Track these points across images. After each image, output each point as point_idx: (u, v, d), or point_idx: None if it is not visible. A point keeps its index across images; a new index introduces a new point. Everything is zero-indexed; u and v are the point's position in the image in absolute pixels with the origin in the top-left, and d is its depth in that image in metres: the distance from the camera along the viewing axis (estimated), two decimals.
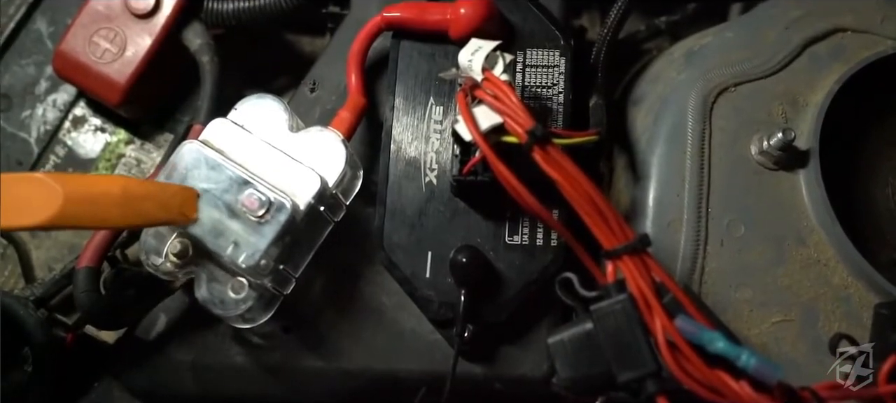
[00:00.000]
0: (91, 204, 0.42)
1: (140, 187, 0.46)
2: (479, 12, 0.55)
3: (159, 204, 0.47)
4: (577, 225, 0.49)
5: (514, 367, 0.56)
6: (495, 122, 0.49)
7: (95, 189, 0.43)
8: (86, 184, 0.43)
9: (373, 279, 0.57)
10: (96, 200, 0.43)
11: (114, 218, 0.44)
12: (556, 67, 0.56)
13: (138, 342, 0.57)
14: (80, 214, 0.41)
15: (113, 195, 0.43)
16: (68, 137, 0.65)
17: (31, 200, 0.40)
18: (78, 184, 0.42)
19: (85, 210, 0.42)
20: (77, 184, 0.42)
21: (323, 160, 0.53)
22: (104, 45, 0.61)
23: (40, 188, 0.40)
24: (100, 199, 0.43)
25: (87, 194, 0.42)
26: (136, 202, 0.45)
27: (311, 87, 0.61)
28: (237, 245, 0.50)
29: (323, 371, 0.56)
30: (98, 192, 0.43)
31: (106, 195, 0.43)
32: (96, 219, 0.43)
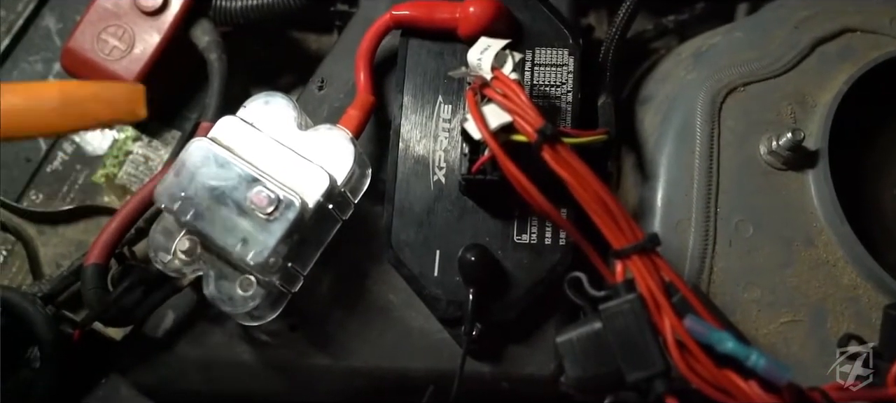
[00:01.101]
0: (28, 111, 0.42)
1: (80, 88, 0.46)
2: (488, 11, 0.55)
3: (105, 103, 0.46)
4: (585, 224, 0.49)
5: (522, 366, 0.56)
6: (505, 121, 0.49)
7: (31, 94, 0.43)
8: (21, 92, 0.43)
9: (380, 277, 0.57)
10: (33, 107, 0.42)
11: (54, 122, 0.43)
12: (565, 66, 0.56)
13: (146, 339, 0.57)
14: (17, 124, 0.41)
15: (50, 98, 0.43)
16: (76, 134, 0.65)
17: None
18: (13, 92, 0.42)
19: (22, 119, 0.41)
20: (12, 93, 0.42)
21: (332, 158, 0.53)
22: (113, 42, 0.61)
23: None
24: (37, 105, 0.42)
25: (24, 101, 0.42)
26: (77, 104, 0.44)
27: (319, 85, 0.61)
28: (246, 242, 0.50)
29: (330, 369, 0.56)
30: (34, 97, 0.42)
31: (43, 99, 0.42)
32: (35, 126, 0.43)
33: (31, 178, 0.64)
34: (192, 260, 0.53)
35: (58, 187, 0.64)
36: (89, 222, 0.63)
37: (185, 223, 0.51)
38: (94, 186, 0.64)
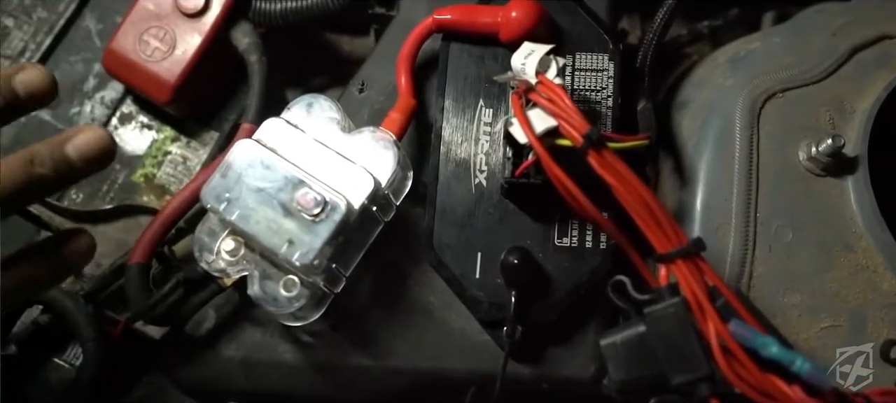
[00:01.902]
0: None
1: None
2: (531, 16, 0.56)
3: None
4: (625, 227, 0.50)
5: (562, 368, 0.56)
6: (550, 126, 0.50)
7: None
8: None
9: (420, 278, 0.58)
10: None
11: None
12: (605, 71, 0.57)
13: (188, 338, 0.58)
14: None
15: None
16: (115, 134, 0.65)
17: None
18: None
19: None
20: None
21: (375, 160, 0.53)
22: (154, 43, 0.62)
23: None
24: None
25: None
26: None
27: (359, 88, 0.61)
28: (292, 243, 0.50)
29: (371, 370, 0.57)
30: None
31: None
32: None
33: None
34: (236, 261, 0.53)
35: (98, 186, 0.64)
36: (129, 221, 0.64)
37: (231, 224, 0.51)
38: (133, 186, 0.64)
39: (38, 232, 0.64)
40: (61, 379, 0.61)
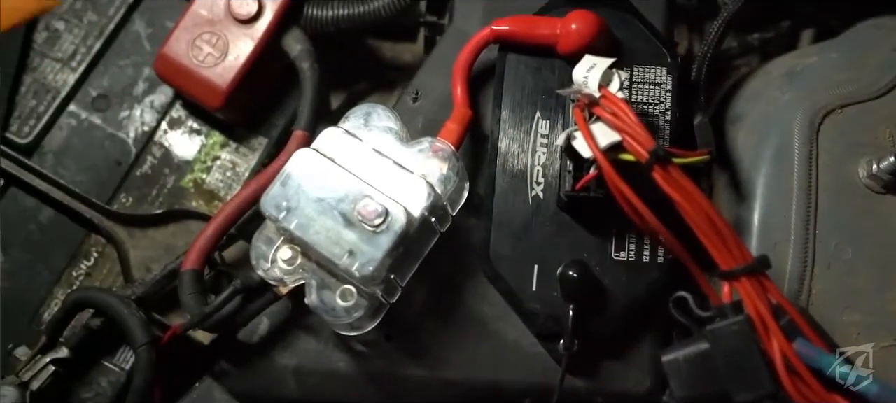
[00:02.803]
0: None
1: None
2: (590, 29, 0.56)
3: None
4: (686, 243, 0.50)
5: (617, 382, 0.56)
6: (613, 140, 0.50)
7: None
8: None
9: (475, 289, 0.58)
10: None
11: None
12: (663, 85, 0.57)
13: (241, 345, 0.58)
14: None
15: None
16: (165, 139, 0.66)
17: None
18: None
19: None
20: None
21: (434, 171, 0.54)
22: (207, 49, 0.62)
23: None
24: None
25: None
26: None
27: (414, 97, 0.62)
28: (352, 254, 0.50)
29: (425, 380, 0.57)
30: None
31: None
32: None
33: (121, 182, 0.64)
34: (292, 270, 0.53)
35: (147, 191, 0.64)
36: (178, 226, 0.64)
37: (290, 232, 0.52)
38: (182, 190, 0.65)
39: (88, 236, 0.64)
40: (111, 383, 0.61)
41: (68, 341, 0.59)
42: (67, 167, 0.65)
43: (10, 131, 0.65)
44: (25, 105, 0.65)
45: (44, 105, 0.65)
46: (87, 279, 0.63)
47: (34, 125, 0.65)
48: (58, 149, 0.65)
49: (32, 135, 0.65)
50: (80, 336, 0.60)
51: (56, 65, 0.66)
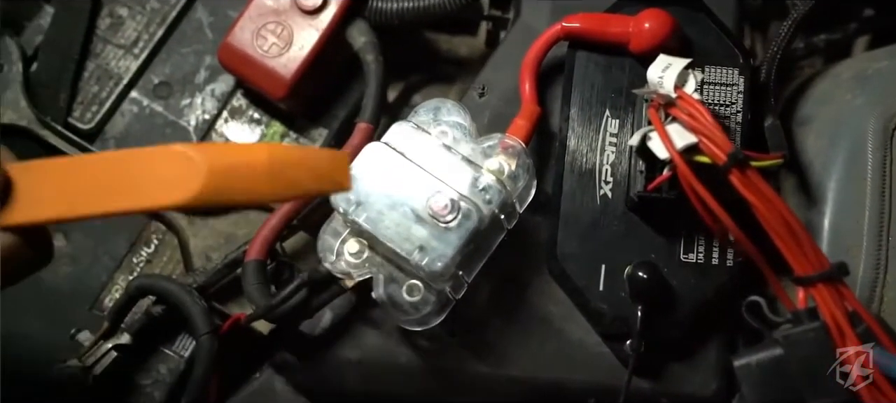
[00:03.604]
0: (237, 177, 0.37)
1: (288, 153, 0.40)
2: (664, 27, 0.56)
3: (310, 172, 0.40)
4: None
5: (682, 384, 0.56)
6: (690, 142, 0.50)
7: (241, 159, 0.37)
8: (229, 154, 0.38)
9: (540, 288, 0.58)
10: (242, 173, 0.37)
11: (263, 190, 0.38)
12: (735, 86, 0.57)
13: (303, 337, 0.58)
14: (225, 188, 0.36)
15: (260, 164, 0.37)
16: (225, 127, 0.66)
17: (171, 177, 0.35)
18: (221, 154, 0.37)
19: (231, 183, 0.37)
20: (220, 155, 0.37)
21: (503, 167, 0.54)
22: (271, 39, 0.62)
23: (181, 162, 0.36)
24: (246, 171, 0.37)
25: (232, 166, 0.37)
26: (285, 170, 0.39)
27: (480, 92, 0.62)
28: (423, 249, 0.51)
29: (488, 377, 0.57)
30: (244, 163, 0.37)
31: (252, 165, 0.37)
32: (244, 194, 0.38)
33: None
34: (359, 263, 0.54)
35: None
36: (238, 215, 0.65)
37: (359, 226, 0.52)
38: None
39: (149, 223, 0.65)
40: (170, 370, 0.62)
41: (130, 327, 0.60)
42: None
43: (72, 116, 0.65)
44: (88, 91, 0.66)
45: (106, 91, 0.66)
46: (147, 266, 0.64)
47: (96, 111, 0.65)
48: (119, 136, 0.66)
49: (95, 121, 0.65)
50: (141, 322, 0.61)
51: (119, 51, 0.67)
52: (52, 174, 0.38)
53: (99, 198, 0.36)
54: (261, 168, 0.37)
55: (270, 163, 0.37)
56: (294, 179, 0.39)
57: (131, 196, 0.36)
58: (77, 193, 0.37)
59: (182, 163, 0.35)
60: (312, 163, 0.40)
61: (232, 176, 0.36)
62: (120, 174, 0.37)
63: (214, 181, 0.35)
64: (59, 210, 0.37)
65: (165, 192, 0.35)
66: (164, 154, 0.36)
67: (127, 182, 0.36)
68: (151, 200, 0.36)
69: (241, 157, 0.37)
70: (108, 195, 0.36)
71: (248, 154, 0.38)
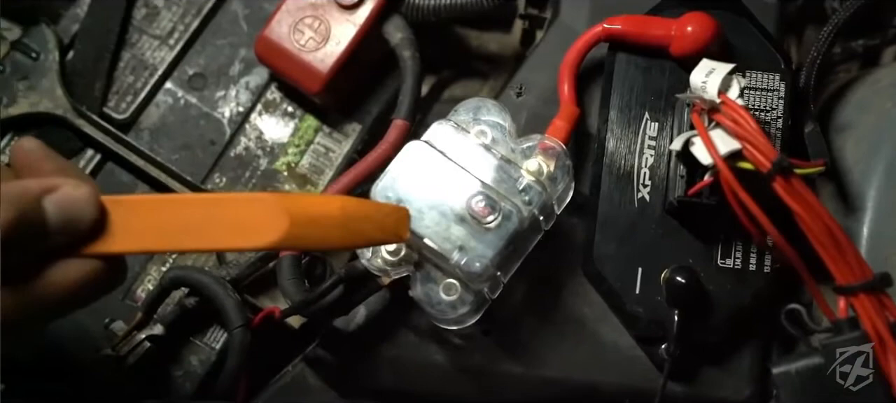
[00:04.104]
0: (314, 226, 0.42)
1: (358, 208, 0.45)
2: (707, 32, 0.55)
3: (376, 224, 0.46)
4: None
5: (715, 389, 0.56)
6: (733, 148, 0.50)
7: (318, 210, 0.42)
8: (308, 206, 0.42)
9: (574, 289, 0.58)
10: (319, 222, 0.42)
11: (335, 239, 0.43)
12: (776, 92, 0.56)
13: (336, 333, 0.58)
14: (303, 236, 0.41)
15: (334, 217, 0.43)
16: (259, 120, 0.66)
17: (256, 223, 0.40)
18: (301, 205, 0.42)
19: (309, 232, 0.41)
20: (301, 206, 0.42)
21: (542, 168, 0.54)
22: (308, 33, 0.62)
23: (267, 210, 0.40)
24: (322, 221, 0.42)
25: (311, 216, 0.42)
26: (355, 223, 0.44)
27: (517, 91, 0.62)
28: (462, 249, 0.51)
29: (521, 378, 0.57)
30: (321, 214, 0.42)
31: (328, 217, 0.42)
32: (319, 241, 0.44)
33: (215, 162, 0.65)
34: (397, 261, 0.54)
35: (241, 172, 0.65)
36: None
37: None
38: (275, 173, 0.65)
39: None
40: (202, 361, 0.62)
41: (163, 318, 0.61)
42: (163, 145, 0.65)
43: (107, 106, 0.65)
44: (123, 81, 0.66)
45: (141, 81, 0.66)
46: (179, 257, 0.64)
47: (131, 101, 0.66)
48: (154, 127, 0.66)
49: (129, 111, 0.65)
50: (174, 314, 0.61)
51: (154, 42, 0.67)
52: (144, 209, 0.40)
53: (188, 236, 0.39)
54: (334, 221, 0.43)
55: (343, 216, 0.43)
56: (361, 230, 0.45)
57: (218, 236, 0.39)
58: (167, 229, 0.39)
59: (267, 211, 0.39)
60: (378, 217, 0.46)
61: (310, 226, 0.41)
62: (208, 214, 0.40)
63: (295, 230, 0.40)
64: (150, 243, 0.39)
65: (250, 237, 0.39)
66: (252, 201, 0.40)
67: (215, 223, 0.39)
68: (237, 242, 0.40)
69: (318, 209, 0.42)
70: (196, 233, 0.39)
71: (325, 206, 0.43)
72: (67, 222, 0.38)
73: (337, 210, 0.43)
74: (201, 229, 0.39)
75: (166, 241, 0.40)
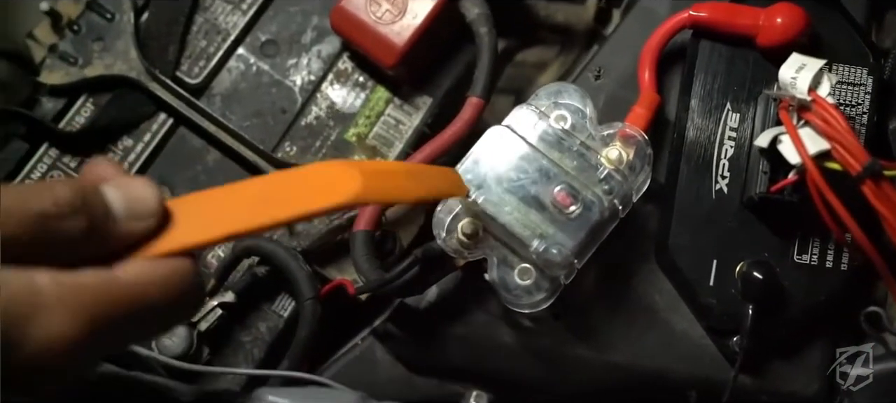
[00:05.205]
0: (386, 177, 0.43)
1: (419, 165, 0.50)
2: (797, 24, 0.55)
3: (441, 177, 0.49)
4: None
5: (784, 383, 0.57)
6: (822, 148, 0.50)
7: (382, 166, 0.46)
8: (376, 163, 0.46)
9: (645, 276, 0.59)
10: (388, 175, 0.44)
11: (409, 189, 0.45)
12: (863, 86, 0.56)
13: (406, 309, 0.59)
14: (379, 186, 0.41)
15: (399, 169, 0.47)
16: (330, 90, 0.66)
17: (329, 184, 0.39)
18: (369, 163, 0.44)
19: (382, 183, 0.42)
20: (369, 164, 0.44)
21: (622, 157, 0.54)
22: (385, 5, 0.62)
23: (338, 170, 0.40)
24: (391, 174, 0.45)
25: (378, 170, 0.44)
26: (422, 174, 0.46)
27: (596, 74, 0.61)
28: (542, 237, 0.51)
29: (590, 361, 0.58)
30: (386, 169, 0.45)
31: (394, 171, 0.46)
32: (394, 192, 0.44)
33: (286, 130, 0.66)
34: (473, 244, 0.54)
35: (311, 142, 0.65)
36: None
37: (477, 208, 0.52)
38: (344, 144, 0.66)
39: None
40: (270, 328, 0.63)
41: (234, 286, 0.62)
42: (234, 111, 0.66)
43: (180, 70, 0.66)
44: (196, 45, 0.66)
45: (213, 46, 0.66)
46: None
47: (204, 66, 0.66)
48: (226, 93, 0.66)
49: (202, 76, 0.66)
50: (246, 281, 0.62)
51: (227, 6, 0.67)
52: (211, 200, 0.38)
53: (262, 212, 0.37)
54: (401, 171, 0.46)
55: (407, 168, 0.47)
56: (429, 182, 0.47)
57: (294, 205, 0.38)
58: (239, 211, 0.38)
59: (339, 171, 0.39)
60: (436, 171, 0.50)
61: (382, 177, 0.42)
62: (279, 188, 0.39)
63: (370, 183, 0.39)
64: (225, 228, 0.37)
65: (326, 197, 0.38)
66: (320, 166, 0.40)
67: (287, 193, 0.38)
68: (313, 205, 0.38)
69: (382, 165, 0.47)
70: (271, 207, 0.37)
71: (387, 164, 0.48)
72: (131, 209, 0.35)
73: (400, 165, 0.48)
74: (275, 202, 0.38)
75: (241, 223, 0.37)
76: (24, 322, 0.29)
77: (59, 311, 0.30)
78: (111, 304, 0.32)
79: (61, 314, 0.30)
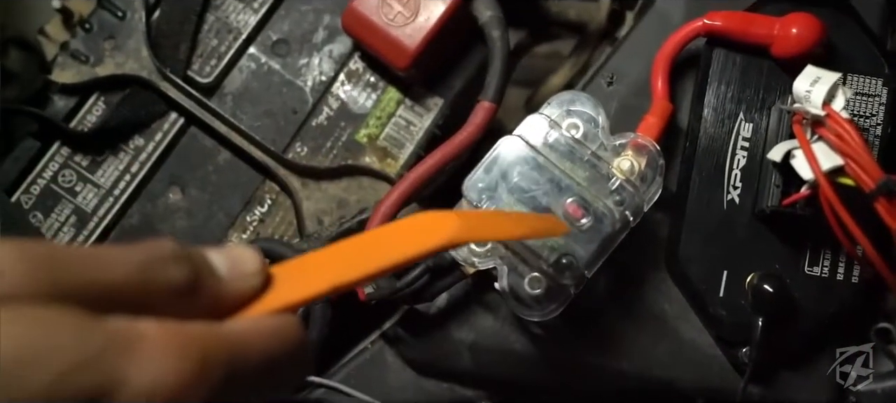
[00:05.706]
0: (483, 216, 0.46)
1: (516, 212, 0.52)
2: (813, 35, 0.54)
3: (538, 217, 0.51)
4: None
5: (793, 394, 0.57)
6: (836, 164, 0.49)
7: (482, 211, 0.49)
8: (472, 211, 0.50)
9: (655, 285, 0.59)
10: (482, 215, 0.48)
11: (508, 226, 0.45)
12: (877, 97, 0.55)
13: (416, 314, 0.60)
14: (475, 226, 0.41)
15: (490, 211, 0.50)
16: (341, 90, 0.66)
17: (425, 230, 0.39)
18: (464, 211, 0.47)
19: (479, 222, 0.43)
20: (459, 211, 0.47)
21: (634, 167, 0.54)
22: (397, 7, 0.62)
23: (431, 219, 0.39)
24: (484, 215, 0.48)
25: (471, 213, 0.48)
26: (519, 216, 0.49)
27: (608, 80, 0.61)
28: (553, 248, 0.51)
29: (599, 369, 0.58)
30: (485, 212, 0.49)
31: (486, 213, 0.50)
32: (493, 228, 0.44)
33: (297, 131, 0.66)
34: (483, 253, 0.54)
35: (322, 142, 0.66)
36: (350, 181, 0.66)
37: None
38: (356, 144, 0.66)
39: (263, 182, 0.66)
40: None
41: None
42: (245, 111, 0.66)
43: (191, 69, 0.66)
44: (207, 44, 0.66)
45: (225, 45, 0.66)
46: (260, 225, 0.65)
47: (215, 65, 0.66)
48: (237, 92, 0.66)
49: (213, 75, 0.66)
50: None
51: (238, 5, 0.67)
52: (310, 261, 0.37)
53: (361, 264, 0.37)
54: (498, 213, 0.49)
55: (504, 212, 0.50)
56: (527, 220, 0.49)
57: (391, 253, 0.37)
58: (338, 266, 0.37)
59: (432, 218, 0.39)
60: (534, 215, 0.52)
61: (478, 217, 0.45)
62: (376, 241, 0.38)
63: (465, 222, 0.39)
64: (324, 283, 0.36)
65: (423, 241, 0.38)
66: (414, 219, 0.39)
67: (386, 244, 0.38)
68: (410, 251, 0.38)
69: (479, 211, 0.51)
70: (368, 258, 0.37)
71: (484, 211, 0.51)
72: (234, 268, 0.34)
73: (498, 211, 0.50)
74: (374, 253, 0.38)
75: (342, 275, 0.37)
76: (125, 364, 0.28)
77: (162, 352, 0.29)
78: (218, 349, 0.31)
79: (165, 356, 0.29)
